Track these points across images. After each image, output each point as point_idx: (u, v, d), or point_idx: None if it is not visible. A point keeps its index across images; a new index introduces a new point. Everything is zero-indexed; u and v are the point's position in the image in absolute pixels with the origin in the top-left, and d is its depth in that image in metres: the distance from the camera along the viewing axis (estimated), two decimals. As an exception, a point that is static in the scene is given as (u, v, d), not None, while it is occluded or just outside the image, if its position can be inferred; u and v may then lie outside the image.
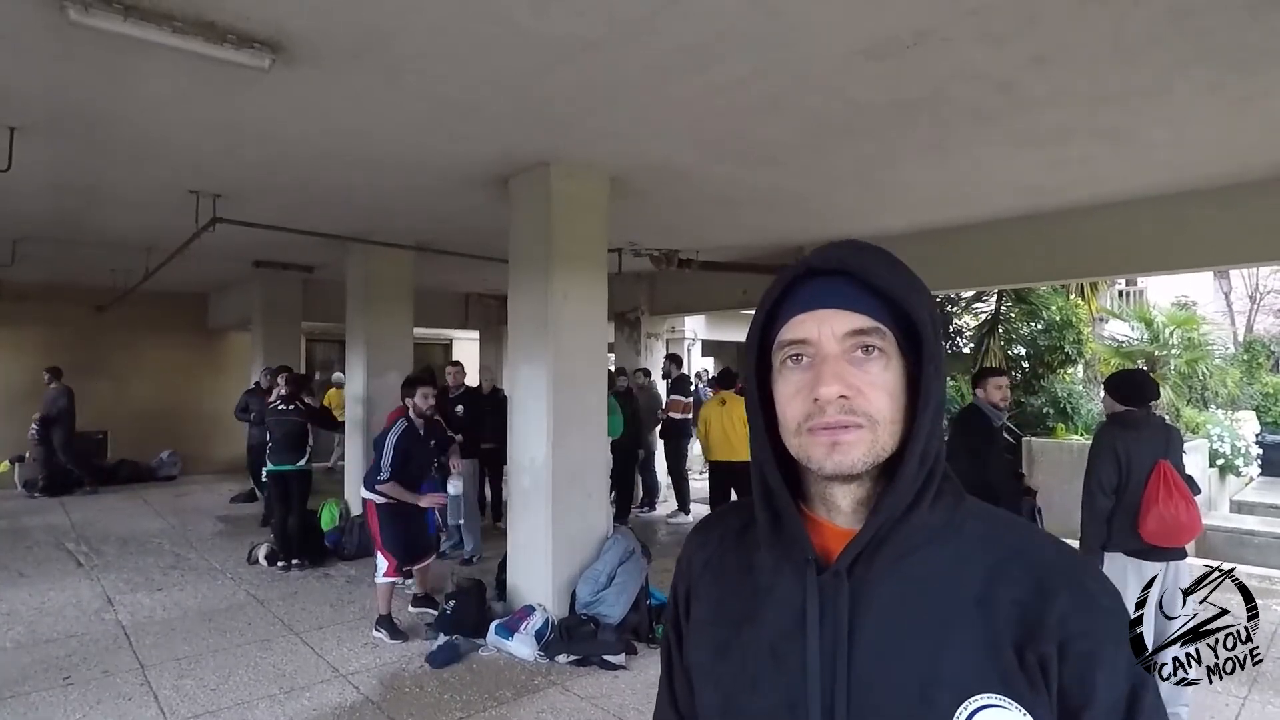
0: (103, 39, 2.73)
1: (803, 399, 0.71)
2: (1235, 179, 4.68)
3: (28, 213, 5.80)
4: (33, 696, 3.63)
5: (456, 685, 3.82)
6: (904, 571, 0.71)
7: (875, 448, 0.70)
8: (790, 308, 0.74)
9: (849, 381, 0.69)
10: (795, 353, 0.73)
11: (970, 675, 0.67)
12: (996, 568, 0.71)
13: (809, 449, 0.71)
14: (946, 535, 0.73)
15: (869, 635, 0.70)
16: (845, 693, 0.69)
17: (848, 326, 0.71)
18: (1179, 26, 2.69)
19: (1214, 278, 16.65)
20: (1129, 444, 3.23)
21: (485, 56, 2.97)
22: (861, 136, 3.90)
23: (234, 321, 10.88)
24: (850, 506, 0.74)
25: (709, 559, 0.85)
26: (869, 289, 0.72)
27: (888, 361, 0.71)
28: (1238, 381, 10.41)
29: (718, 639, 0.79)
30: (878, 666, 0.69)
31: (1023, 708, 0.65)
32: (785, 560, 0.76)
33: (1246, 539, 6.86)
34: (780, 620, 0.74)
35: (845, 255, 0.73)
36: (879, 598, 0.71)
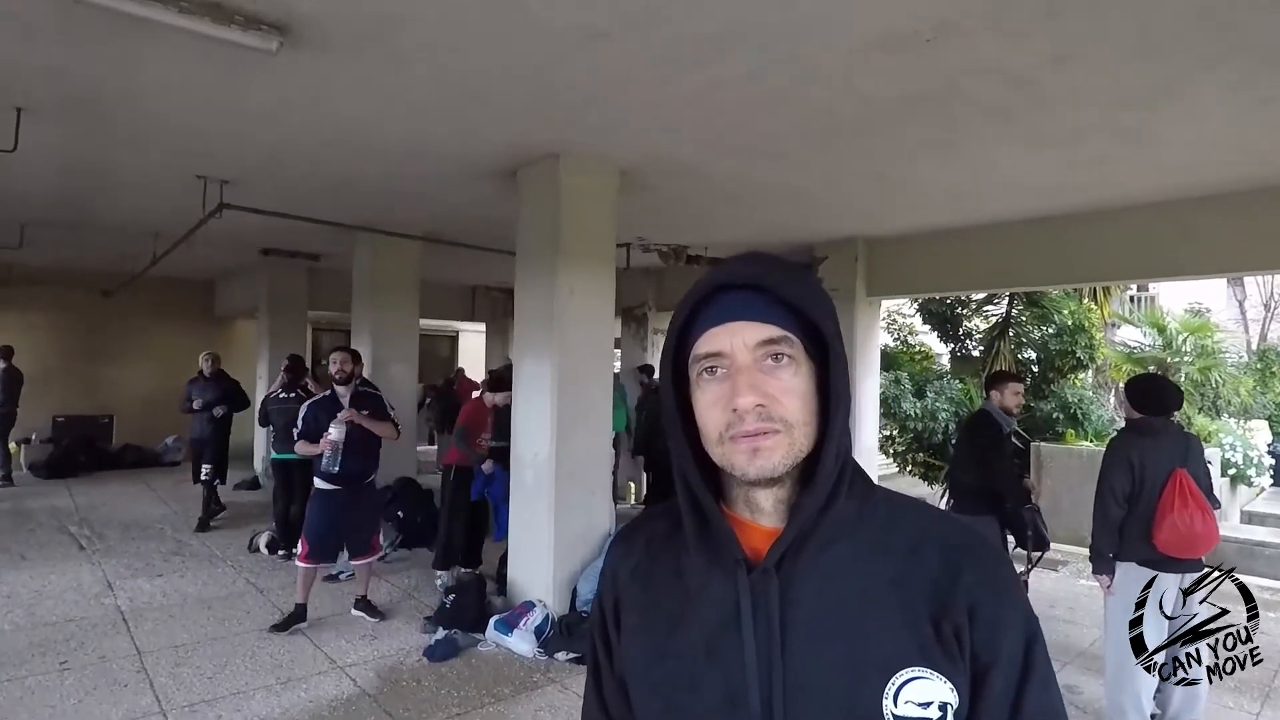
0: (109, 19, 2.69)
1: (721, 409, 0.74)
2: (1253, 183, 4.60)
3: (35, 195, 5.79)
4: (29, 681, 3.61)
5: (454, 680, 3.79)
6: (827, 563, 0.76)
7: (793, 450, 0.74)
8: (703, 322, 0.77)
9: (764, 390, 0.73)
10: (710, 365, 0.76)
11: (895, 652, 0.72)
12: (908, 550, 0.76)
13: (731, 456, 0.74)
14: (861, 525, 0.78)
15: (800, 626, 0.74)
16: (782, 684, 0.72)
17: (758, 337, 0.74)
18: (1205, 24, 2.62)
19: (1228, 284, 16.49)
20: (1144, 452, 3.16)
21: (495, 45, 2.93)
22: (873, 132, 3.83)
23: (241, 309, 10.89)
24: (772, 506, 0.78)
25: (635, 567, 0.87)
26: (776, 300, 0.75)
27: (798, 368, 0.75)
28: (1251, 390, 10.27)
29: (651, 644, 0.81)
30: (811, 655, 0.73)
31: (942, 675, 0.71)
32: (714, 562, 0.78)
33: (1257, 550, 6.76)
34: (714, 620, 0.77)
35: (751, 270, 0.77)
36: (806, 590, 0.75)
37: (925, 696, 0.70)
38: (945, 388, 9.45)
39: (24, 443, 9.70)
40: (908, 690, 0.71)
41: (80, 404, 10.50)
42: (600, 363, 4.75)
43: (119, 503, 7.87)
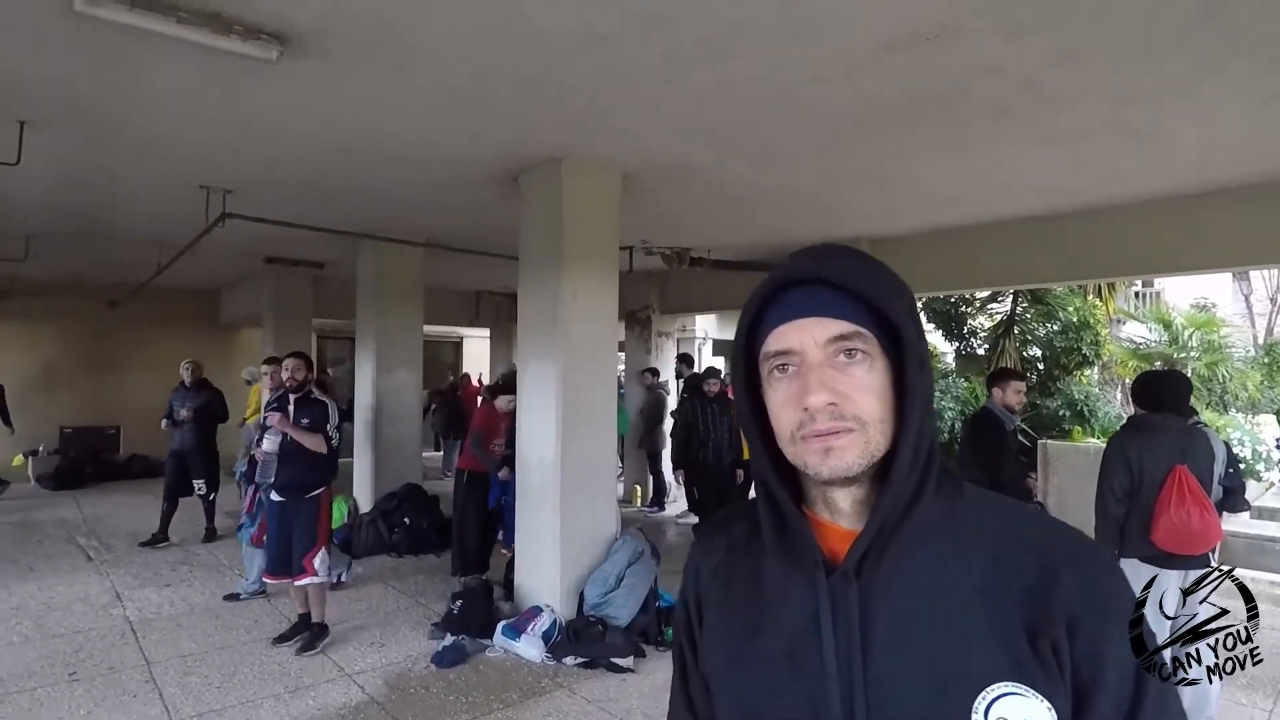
0: (109, 30, 2.70)
1: (793, 408, 0.72)
2: (1259, 179, 4.57)
3: (40, 208, 5.81)
4: (38, 692, 3.62)
5: (462, 686, 3.78)
6: (911, 567, 0.72)
7: (869, 449, 0.71)
8: (772, 319, 0.75)
9: (835, 388, 0.71)
10: (781, 363, 0.74)
11: (986, 665, 0.68)
12: (1000, 556, 0.72)
13: (804, 456, 0.72)
14: (949, 528, 0.74)
15: (882, 633, 0.71)
16: (863, 692, 0.70)
17: (829, 333, 0.72)
18: (1211, 21, 2.60)
19: (1234, 279, 16.39)
20: (1142, 449, 3.16)
21: (496, 50, 2.92)
22: (877, 134, 3.82)
23: (246, 317, 10.90)
24: (851, 507, 0.75)
25: (716, 566, 0.86)
26: (847, 294, 0.73)
27: (871, 363, 0.72)
28: (1258, 385, 10.20)
29: (731, 648, 0.80)
30: (893, 663, 0.70)
31: (1039, 694, 0.66)
32: (794, 565, 0.77)
33: (1267, 545, 6.71)
34: (793, 625, 0.75)
35: (818, 263, 0.74)
36: (888, 595, 0.72)
37: (1019, 714, 0.66)
38: (950, 386, 9.41)
39: (31, 454, 9.72)
40: (1000, 706, 0.66)
41: (87, 415, 10.53)
42: (604, 366, 4.75)
43: (126, 513, 7.89)
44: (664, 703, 3.23)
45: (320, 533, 4.28)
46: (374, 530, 6.38)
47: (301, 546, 4.21)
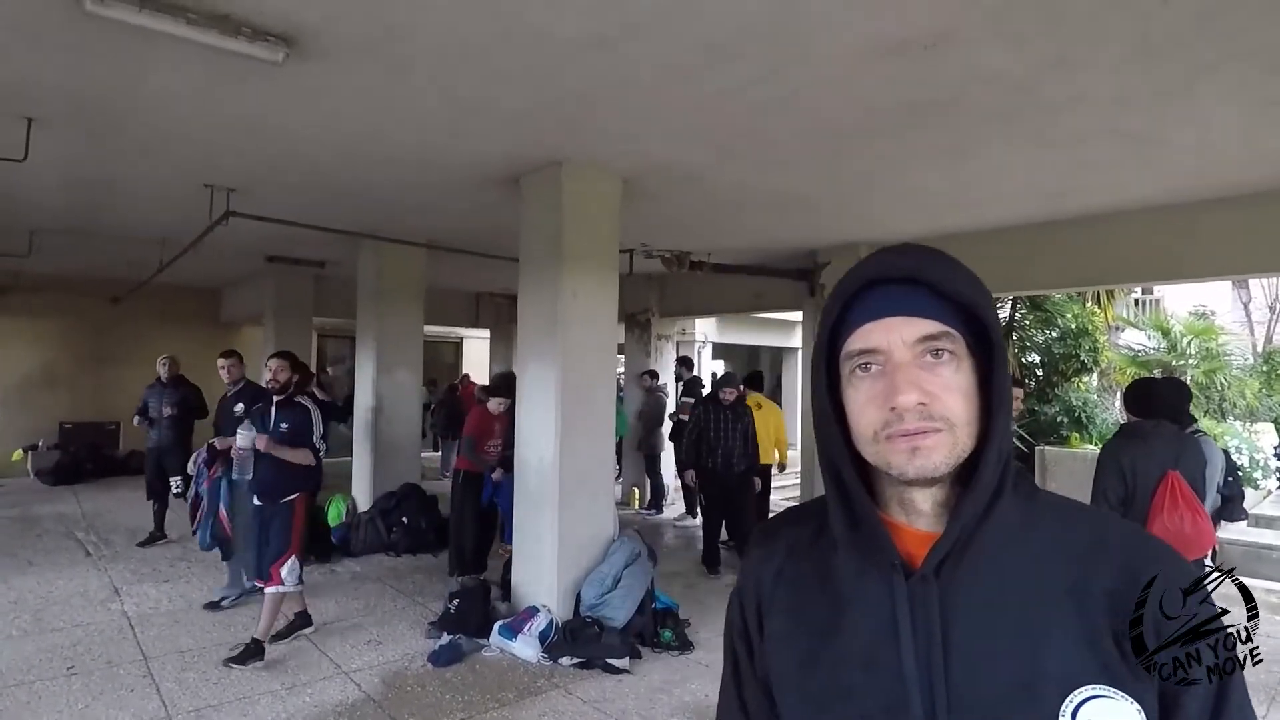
0: (118, 30, 2.72)
1: (877, 407, 0.72)
2: (1256, 186, 4.59)
3: (44, 204, 5.84)
4: (36, 685, 3.63)
5: (458, 685, 3.80)
6: (990, 570, 0.72)
7: (955, 450, 0.70)
8: (857, 317, 0.74)
9: (924, 388, 0.70)
10: (864, 362, 0.73)
11: (1072, 668, 0.67)
12: (1081, 558, 0.71)
13: (888, 455, 0.71)
14: (1027, 530, 0.73)
15: (963, 636, 0.70)
16: (944, 695, 0.69)
17: (918, 333, 0.71)
18: (1207, 27, 2.63)
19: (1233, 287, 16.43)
20: (1134, 455, 3.19)
21: (498, 54, 2.95)
22: (876, 138, 3.85)
23: (247, 316, 10.93)
24: (931, 509, 0.74)
25: (780, 570, 0.84)
26: (936, 294, 0.72)
27: (958, 364, 0.72)
28: (1257, 393, 10.25)
29: (801, 651, 0.78)
30: (976, 666, 0.69)
31: (1128, 696, 0.66)
32: (868, 566, 0.76)
33: (1264, 553, 6.73)
34: (869, 627, 0.74)
35: (906, 261, 0.74)
36: (969, 598, 0.71)
37: (1108, 717, 0.65)
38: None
39: (31, 449, 9.75)
40: (1088, 709, 0.66)
41: (87, 410, 10.56)
42: (603, 368, 4.77)
43: (125, 509, 7.90)
44: (658, 703, 3.27)
45: (293, 540, 4.09)
46: (372, 529, 6.40)
47: (273, 552, 4.04)
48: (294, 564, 4.08)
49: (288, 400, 4.19)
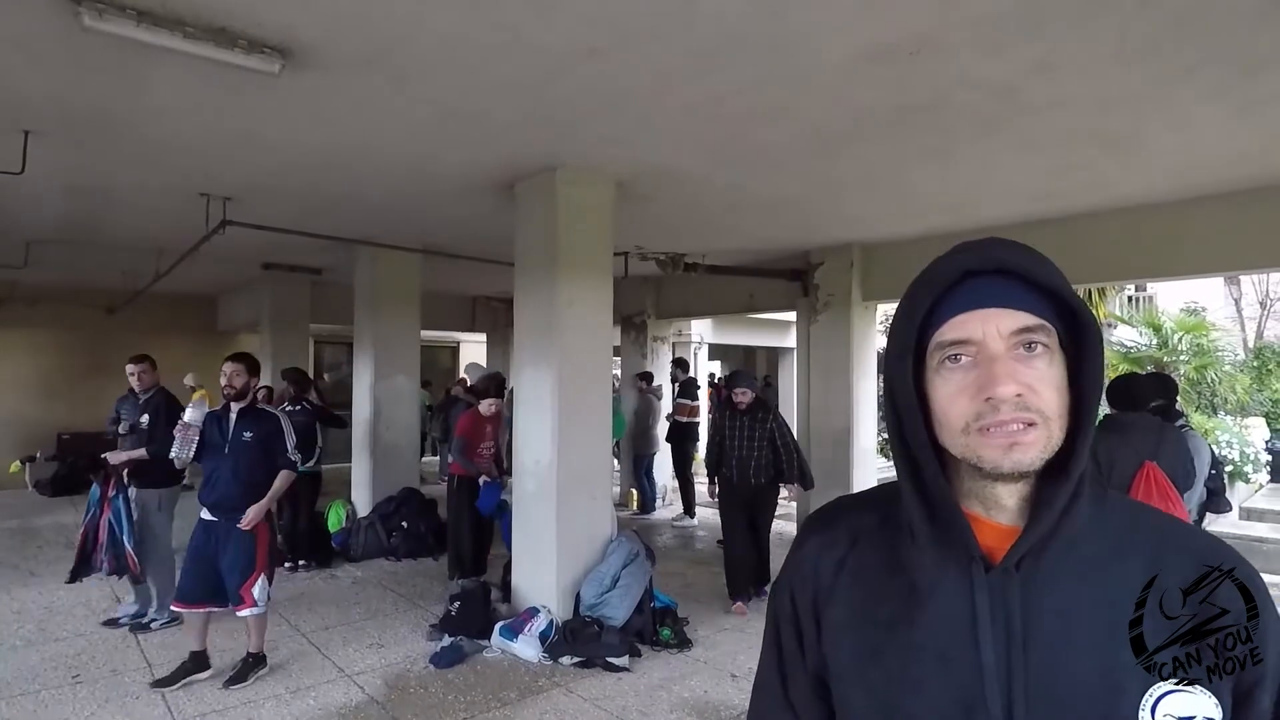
0: (115, 44, 2.76)
1: (970, 398, 0.71)
2: (1243, 184, 4.66)
3: (41, 215, 5.87)
4: (42, 694, 3.66)
5: (461, 686, 3.84)
6: (1070, 566, 0.72)
7: (1050, 444, 0.70)
8: (949, 308, 0.74)
9: (1021, 380, 0.70)
10: (955, 353, 0.73)
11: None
12: (1155, 555, 0.73)
13: (980, 449, 0.71)
14: (1102, 528, 0.74)
15: (1045, 632, 0.71)
16: (1024, 691, 0.69)
17: (1014, 325, 0.71)
18: (1184, 31, 2.69)
19: (1224, 283, 16.54)
20: (1111, 446, 3.27)
21: (492, 65, 3.00)
22: (865, 142, 3.91)
23: (243, 323, 10.96)
24: (1015, 504, 0.74)
25: (842, 558, 0.82)
26: (1031, 286, 0.72)
27: (1051, 357, 0.72)
28: (1247, 388, 10.33)
29: (867, 641, 0.77)
30: (1059, 662, 0.70)
31: (1206, 690, 0.68)
32: (945, 558, 0.75)
33: (1255, 546, 6.80)
34: (945, 620, 0.74)
35: (1002, 253, 0.74)
36: (1052, 593, 0.71)
37: (1187, 710, 0.67)
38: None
39: (28, 460, 9.72)
40: (1167, 703, 0.67)
41: (85, 421, 10.54)
42: (600, 370, 4.81)
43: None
44: (658, 700, 3.31)
45: (260, 558, 3.79)
46: (372, 534, 6.44)
47: (238, 573, 3.72)
48: (264, 583, 3.81)
49: (251, 408, 3.87)
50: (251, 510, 3.70)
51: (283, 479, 3.86)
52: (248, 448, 3.77)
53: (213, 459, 3.78)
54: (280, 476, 3.84)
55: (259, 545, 3.80)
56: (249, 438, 3.78)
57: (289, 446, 3.88)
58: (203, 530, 3.78)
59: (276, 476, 3.84)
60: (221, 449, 3.77)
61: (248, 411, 3.85)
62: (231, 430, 3.79)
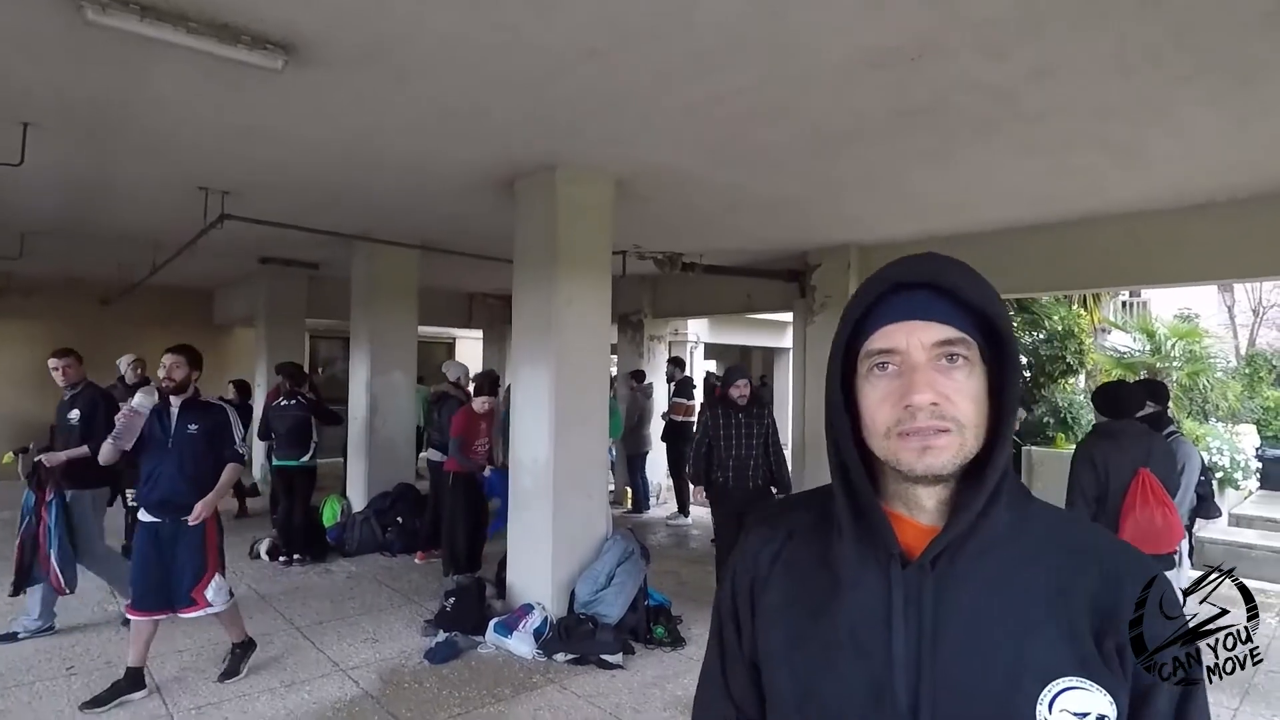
0: (117, 38, 2.77)
1: (891, 405, 0.75)
2: (1239, 193, 4.70)
3: (38, 207, 5.85)
4: (36, 686, 3.67)
5: (455, 682, 3.86)
6: (985, 567, 0.76)
7: (963, 451, 0.74)
8: (879, 318, 0.78)
9: (938, 389, 0.74)
10: (882, 361, 0.77)
11: (1053, 661, 0.72)
12: (1068, 563, 0.76)
13: (898, 452, 0.75)
14: (1020, 532, 0.78)
15: (954, 627, 0.74)
16: (931, 682, 0.73)
17: (936, 337, 0.75)
18: (1181, 41, 2.72)
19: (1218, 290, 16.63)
20: (1107, 453, 3.30)
21: (492, 63, 3.01)
22: (864, 144, 3.93)
23: (239, 317, 10.94)
24: (934, 505, 0.78)
25: (778, 552, 0.87)
26: (955, 301, 0.76)
27: (971, 369, 0.76)
28: (1239, 395, 10.39)
29: (793, 628, 0.82)
30: (964, 656, 0.73)
31: (1102, 689, 0.71)
32: (867, 554, 0.79)
33: (1244, 552, 6.86)
34: (862, 611, 0.78)
35: (930, 269, 0.78)
36: (963, 591, 0.75)
37: (1082, 707, 0.70)
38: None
39: (21, 452, 9.69)
40: (1064, 699, 0.71)
41: (78, 412, 10.53)
42: (597, 369, 4.83)
43: (116, 511, 7.87)
44: (651, 698, 3.32)
45: (210, 558, 3.64)
46: (367, 529, 6.44)
47: (189, 575, 3.56)
48: (219, 582, 3.67)
49: (194, 401, 3.68)
50: (199, 505, 3.54)
51: (230, 472, 3.70)
52: (193, 441, 3.58)
53: (154, 455, 3.55)
54: (228, 469, 3.68)
55: (209, 544, 3.64)
56: (194, 431, 3.59)
57: (236, 439, 3.72)
58: (147, 533, 3.56)
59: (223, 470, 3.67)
60: (164, 444, 3.55)
61: (191, 404, 3.65)
62: (174, 424, 3.58)
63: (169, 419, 3.59)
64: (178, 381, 3.60)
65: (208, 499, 3.58)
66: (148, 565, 3.53)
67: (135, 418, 3.46)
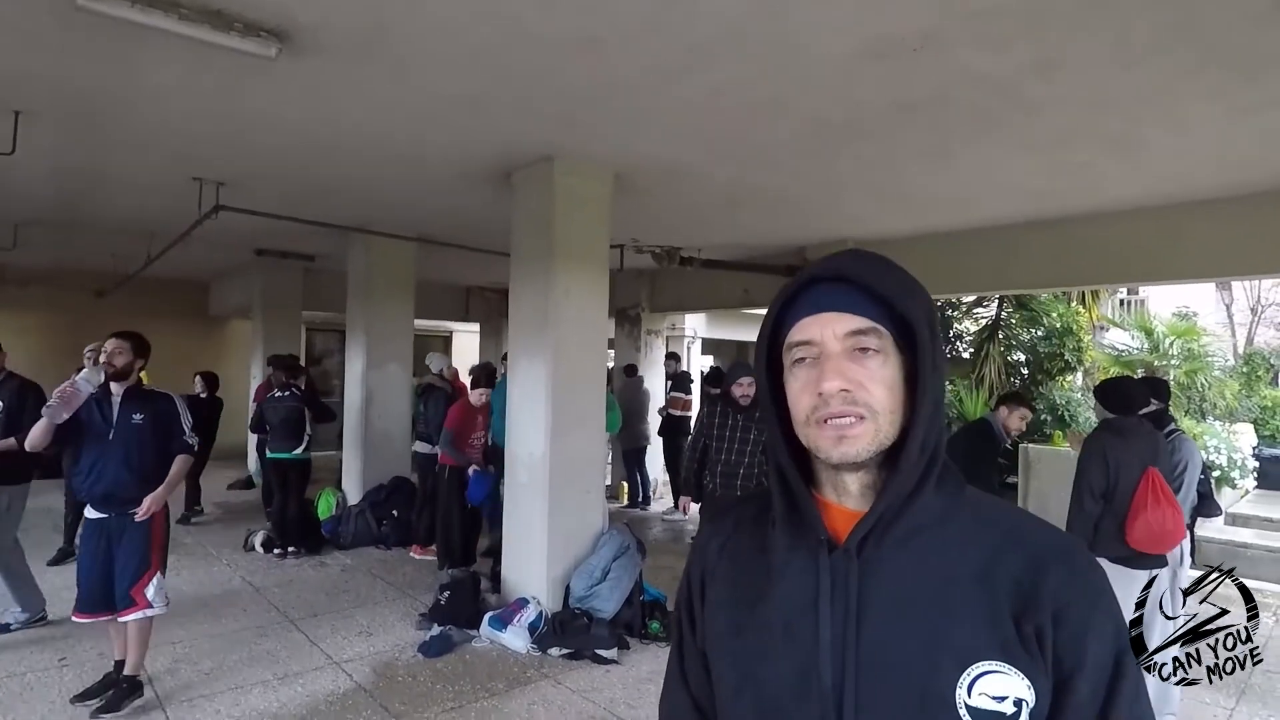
0: (109, 25, 2.73)
1: (809, 394, 0.78)
2: (1239, 189, 4.68)
3: (31, 196, 5.81)
4: (28, 677, 3.65)
5: (449, 675, 3.84)
6: (910, 551, 0.77)
7: (878, 437, 0.77)
8: (796, 312, 0.81)
9: (849, 376, 0.76)
10: (801, 355, 0.80)
11: (973, 644, 0.73)
12: (995, 548, 0.77)
13: (817, 440, 0.78)
14: (949, 519, 0.79)
15: (877, 609, 0.76)
16: (855, 664, 0.75)
17: (848, 327, 0.78)
18: (1183, 34, 2.70)
19: (1216, 289, 16.64)
20: (1118, 451, 3.24)
21: (490, 53, 2.98)
22: (863, 139, 3.90)
23: (235, 309, 10.90)
24: (859, 490, 0.81)
25: (724, 543, 0.91)
26: (867, 293, 0.79)
27: (885, 358, 0.78)
28: (1236, 394, 10.39)
29: (733, 618, 0.85)
30: (886, 638, 0.75)
31: (1021, 673, 0.72)
32: (799, 541, 0.82)
33: (1240, 551, 6.86)
34: (793, 596, 0.80)
35: (844, 264, 0.80)
36: (887, 575, 0.77)
37: (1001, 690, 0.72)
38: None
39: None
40: (983, 683, 0.72)
41: (73, 404, 10.49)
42: (594, 363, 4.81)
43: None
44: (646, 693, 3.31)
45: (153, 555, 3.39)
46: (362, 522, 6.42)
47: (130, 573, 3.32)
48: (159, 582, 3.41)
49: (138, 389, 3.47)
50: (148, 499, 3.32)
51: (180, 464, 3.47)
52: (137, 431, 3.35)
53: (95, 447, 3.31)
54: (178, 461, 3.46)
55: (154, 540, 3.40)
56: (139, 420, 3.37)
57: (186, 428, 3.49)
58: (94, 530, 3.35)
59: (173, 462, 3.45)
60: (105, 435, 3.31)
61: (134, 392, 3.42)
62: (116, 414, 3.34)
63: (110, 408, 3.35)
64: (118, 367, 3.36)
65: (157, 493, 3.36)
66: (94, 564, 3.33)
67: (74, 393, 3.20)
